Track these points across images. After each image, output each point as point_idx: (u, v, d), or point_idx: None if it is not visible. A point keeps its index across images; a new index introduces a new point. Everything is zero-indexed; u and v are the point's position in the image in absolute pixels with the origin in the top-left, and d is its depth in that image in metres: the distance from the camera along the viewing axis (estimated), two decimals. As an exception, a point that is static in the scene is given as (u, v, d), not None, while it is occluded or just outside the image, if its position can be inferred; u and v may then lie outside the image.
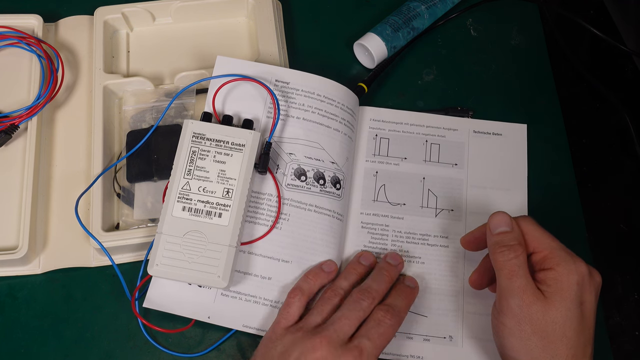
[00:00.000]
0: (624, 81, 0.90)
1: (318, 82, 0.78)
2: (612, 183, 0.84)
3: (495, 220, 0.66)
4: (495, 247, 0.65)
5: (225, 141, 0.70)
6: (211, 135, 0.70)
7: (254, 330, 0.70)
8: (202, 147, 0.70)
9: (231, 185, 0.69)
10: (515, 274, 0.62)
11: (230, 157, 0.69)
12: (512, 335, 0.62)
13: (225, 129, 0.71)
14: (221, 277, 0.66)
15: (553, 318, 0.60)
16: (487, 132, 0.82)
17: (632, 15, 0.91)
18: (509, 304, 0.62)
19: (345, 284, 0.69)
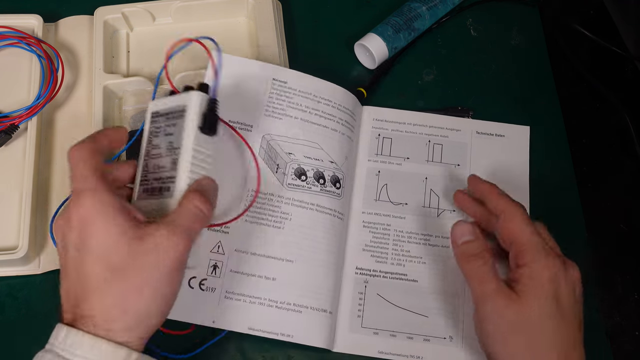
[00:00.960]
0: (624, 81, 0.90)
1: (315, 83, 0.78)
2: (612, 183, 0.84)
3: (458, 231, 0.67)
4: (462, 256, 0.66)
5: (172, 111, 0.63)
6: (163, 110, 0.64)
7: (260, 333, 0.69)
8: (156, 124, 0.64)
9: (176, 154, 0.60)
10: (486, 280, 0.62)
11: (175, 126, 0.62)
12: (493, 341, 0.62)
13: (169, 99, 0.64)
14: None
15: (527, 316, 0.60)
16: (490, 134, 0.82)
17: (632, 16, 0.91)
18: (485, 310, 0.62)
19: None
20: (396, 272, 0.74)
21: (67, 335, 0.51)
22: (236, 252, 0.71)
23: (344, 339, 0.71)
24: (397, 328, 0.72)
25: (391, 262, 0.75)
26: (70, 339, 0.51)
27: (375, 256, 0.75)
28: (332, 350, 0.71)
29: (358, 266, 0.75)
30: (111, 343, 0.50)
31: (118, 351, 0.50)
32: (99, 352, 0.50)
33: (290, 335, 0.69)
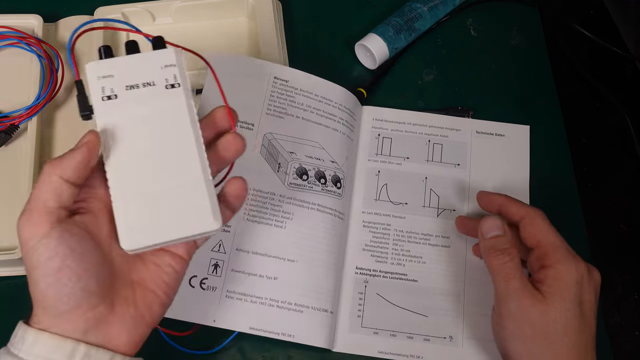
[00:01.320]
0: (624, 81, 0.90)
1: (316, 82, 0.78)
2: (612, 183, 0.84)
3: (487, 225, 0.66)
4: (489, 251, 0.65)
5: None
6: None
7: (261, 332, 0.69)
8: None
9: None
10: (512, 277, 0.62)
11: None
12: (513, 339, 0.62)
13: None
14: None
15: (553, 318, 0.60)
16: (490, 133, 0.82)
17: (632, 16, 0.91)
18: (508, 307, 0.62)
19: None
20: (396, 272, 0.74)
21: (18, 330, 0.50)
22: (237, 251, 0.71)
23: (344, 338, 0.71)
24: (397, 328, 0.72)
25: (391, 261, 0.75)
26: (19, 335, 0.50)
27: (375, 256, 0.75)
28: (332, 350, 0.71)
29: (358, 266, 0.75)
30: (55, 336, 0.48)
31: (63, 344, 0.48)
32: (42, 346, 0.48)
33: (292, 335, 0.69)
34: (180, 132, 0.52)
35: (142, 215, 0.50)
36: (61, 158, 0.49)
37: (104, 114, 0.52)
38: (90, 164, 0.50)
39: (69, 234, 0.48)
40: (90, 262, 0.49)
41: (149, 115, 0.52)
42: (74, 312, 0.48)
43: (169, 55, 0.54)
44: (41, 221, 0.48)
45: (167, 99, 0.52)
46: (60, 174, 0.48)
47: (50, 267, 0.47)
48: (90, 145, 0.50)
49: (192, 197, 0.51)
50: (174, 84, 0.53)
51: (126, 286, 0.52)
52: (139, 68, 0.53)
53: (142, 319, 0.52)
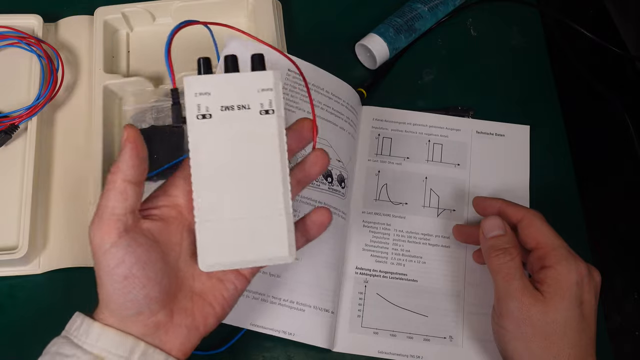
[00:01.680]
0: (624, 81, 0.90)
1: (327, 78, 0.78)
2: (612, 183, 0.84)
3: (488, 224, 0.67)
4: (490, 250, 0.65)
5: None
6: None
7: (263, 329, 0.70)
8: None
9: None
10: (512, 277, 0.62)
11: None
12: (513, 339, 0.62)
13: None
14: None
15: (553, 318, 0.60)
16: (490, 133, 0.82)
17: (632, 15, 0.91)
18: (508, 307, 0.62)
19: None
20: (396, 272, 0.75)
21: (82, 323, 0.52)
22: None
23: (344, 338, 0.71)
24: (397, 328, 0.72)
25: (391, 261, 0.75)
26: (83, 328, 0.52)
27: (375, 256, 0.75)
28: (332, 350, 0.71)
29: (358, 266, 0.75)
30: (118, 332, 0.51)
31: (125, 340, 0.51)
32: (106, 340, 0.51)
33: (292, 333, 0.70)
34: (269, 161, 0.52)
35: (223, 239, 0.52)
36: (117, 163, 0.50)
37: (197, 132, 0.52)
38: (142, 156, 0.51)
39: (137, 243, 0.50)
40: (155, 271, 0.51)
41: (240, 139, 0.52)
42: (136, 317, 0.51)
43: (268, 79, 0.53)
44: (110, 229, 0.49)
45: (260, 125, 0.52)
46: (123, 177, 0.50)
47: (117, 274, 0.49)
48: (132, 139, 0.51)
49: (272, 228, 0.52)
50: (269, 110, 0.52)
51: (187, 296, 0.54)
52: (236, 89, 0.52)
53: (197, 330, 0.54)
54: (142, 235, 0.51)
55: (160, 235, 0.52)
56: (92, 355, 0.50)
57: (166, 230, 0.53)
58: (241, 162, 0.52)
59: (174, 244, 0.53)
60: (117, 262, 0.49)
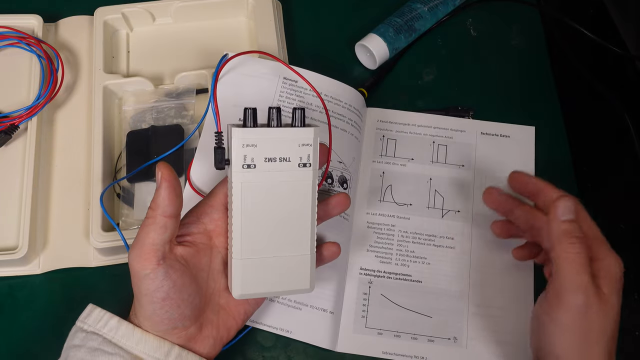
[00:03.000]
0: (624, 81, 0.90)
1: (325, 82, 0.78)
2: (612, 183, 0.84)
3: (564, 205, 0.61)
4: (564, 236, 0.60)
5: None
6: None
7: (260, 325, 0.70)
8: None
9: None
10: (584, 269, 0.58)
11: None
12: (565, 332, 0.59)
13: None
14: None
15: (612, 317, 0.59)
16: (495, 134, 0.82)
17: (632, 15, 0.92)
18: (570, 299, 0.58)
19: None
20: (400, 273, 0.74)
21: (119, 326, 0.58)
22: None
23: (348, 339, 0.71)
24: (401, 328, 0.72)
25: (395, 262, 0.75)
26: (123, 331, 0.58)
27: (379, 257, 0.75)
28: (335, 350, 0.71)
29: (362, 266, 0.75)
30: (157, 337, 0.58)
31: (162, 345, 0.57)
32: (146, 344, 0.57)
33: (289, 331, 0.70)
34: (302, 208, 0.60)
35: (255, 274, 0.60)
36: (155, 199, 0.56)
37: (241, 180, 0.57)
38: (177, 192, 0.56)
39: (173, 269, 0.56)
40: (188, 293, 0.57)
41: (278, 188, 0.58)
42: (171, 331, 0.58)
43: (309, 136, 0.58)
44: (149, 257, 0.55)
45: (297, 176, 0.59)
46: (162, 213, 0.55)
47: (156, 296, 0.56)
48: (166, 177, 0.56)
49: (298, 266, 0.61)
50: (306, 164, 0.59)
51: (214, 310, 0.61)
52: (280, 142, 0.58)
53: (221, 340, 0.62)
54: (177, 262, 0.57)
55: (192, 259, 0.59)
56: (132, 355, 0.57)
57: (197, 255, 0.60)
58: (277, 207, 0.59)
59: (203, 265, 0.60)
60: (157, 287, 0.55)
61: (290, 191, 0.59)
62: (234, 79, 0.76)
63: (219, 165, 0.59)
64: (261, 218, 0.59)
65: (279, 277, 0.60)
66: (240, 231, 0.59)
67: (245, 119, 0.58)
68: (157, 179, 0.56)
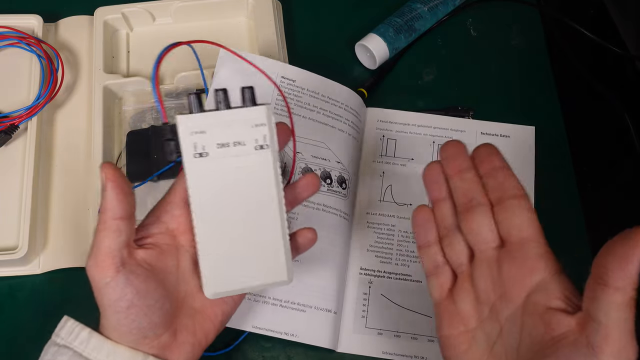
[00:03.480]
0: (624, 81, 0.90)
1: (322, 83, 0.78)
2: (612, 183, 0.84)
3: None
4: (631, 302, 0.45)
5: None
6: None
7: (265, 331, 0.69)
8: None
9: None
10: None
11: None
12: None
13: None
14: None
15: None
16: (495, 134, 0.82)
17: (632, 15, 0.92)
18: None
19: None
20: (400, 273, 0.75)
21: (90, 337, 0.54)
22: None
23: (348, 339, 0.71)
24: (401, 328, 0.72)
25: (395, 262, 0.75)
26: (93, 343, 0.53)
27: (379, 257, 0.75)
28: (336, 350, 0.71)
29: (362, 267, 0.75)
30: (129, 348, 0.53)
31: (135, 356, 0.53)
32: (117, 356, 0.53)
33: (295, 334, 0.69)
34: (266, 193, 0.54)
35: (226, 269, 0.55)
36: (103, 202, 0.52)
37: (195, 170, 0.53)
38: (126, 191, 0.52)
39: (134, 275, 0.52)
40: (155, 299, 0.53)
41: (237, 174, 0.54)
42: (142, 341, 0.54)
43: (260, 114, 0.54)
44: (107, 264, 0.51)
45: (255, 159, 0.54)
46: (112, 215, 0.51)
47: (120, 306, 0.51)
48: (111, 177, 0.52)
49: (271, 256, 0.55)
50: (263, 145, 0.54)
51: (188, 314, 0.57)
52: (231, 125, 0.53)
53: (199, 345, 0.57)
54: (139, 266, 0.53)
55: (157, 262, 0.54)
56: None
57: (162, 257, 0.55)
58: (240, 195, 0.54)
59: (170, 267, 0.56)
60: (119, 296, 0.51)
61: (251, 176, 0.54)
62: (231, 77, 0.76)
63: (169, 157, 0.58)
64: (224, 208, 0.54)
65: (253, 270, 0.55)
66: (203, 225, 0.54)
67: (190, 105, 0.54)
68: (102, 180, 0.52)
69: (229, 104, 0.54)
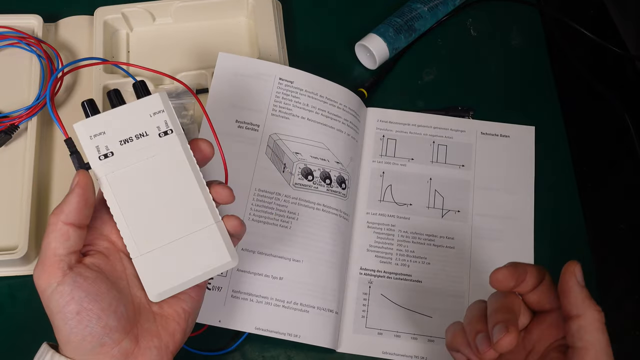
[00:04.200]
0: (624, 81, 0.90)
1: (320, 84, 0.79)
2: (612, 183, 0.84)
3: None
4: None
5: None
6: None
7: (267, 332, 0.69)
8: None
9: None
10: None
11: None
12: None
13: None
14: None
15: None
16: (495, 134, 0.82)
17: (632, 15, 0.92)
18: None
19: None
20: (400, 273, 0.75)
21: (45, 356, 0.52)
22: (243, 251, 0.71)
23: (348, 339, 0.71)
24: (401, 328, 0.72)
25: (395, 262, 0.75)
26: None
27: (379, 257, 0.75)
28: (336, 350, 0.71)
29: (362, 267, 0.75)
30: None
31: None
32: None
33: (297, 335, 0.69)
34: (183, 178, 0.53)
35: (163, 267, 0.53)
36: (61, 205, 0.50)
37: (105, 173, 0.52)
38: (89, 202, 0.51)
39: (82, 277, 0.50)
40: (108, 302, 0.51)
41: (149, 166, 0.53)
42: (99, 350, 0.50)
43: (155, 102, 0.53)
44: (53, 269, 0.49)
45: (163, 147, 0.53)
46: (64, 219, 0.50)
47: (69, 311, 0.49)
48: (82, 185, 0.51)
49: (207, 240, 0.53)
50: (167, 131, 0.53)
51: (149, 319, 0.54)
52: (129, 120, 0.53)
53: (167, 348, 0.54)
54: (87, 269, 0.51)
55: (106, 266, 0.53)
56: None
57: (109, 262, 0.53)
58: (157, 187, 0.53)
59: (119, 272, 0.54)
60: (67, 300, 0.49)
61: (163, 165, 0.53)
62: (230, 79, 0.77)
63: (79, 169, 0.53)
64: (144, 204, 0.53)
65: (192, 260, 0.53)
66: (126, 226, 0.52)
67: (85, 111, 0.54)
68: (72, 184, 0.51)
69: (124, 101, 0.54)
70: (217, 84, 0.76)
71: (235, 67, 0.77)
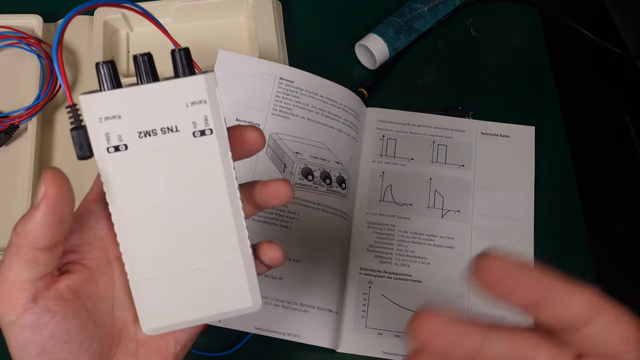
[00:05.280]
0: (624, 81, 0.90)
1: (321, 83, 0.79)
2: (612, 183, 0.84)
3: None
4: None
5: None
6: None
7: (267, 332, 0.69)
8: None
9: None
10: None
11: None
12: None
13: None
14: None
15: None
16: (495, 134, 0.82)
17: (632, 15, 0.92)
18: None
19: None
20: (400, 273, 0.74)
21: None
22: None
23: (348, 339, 0.71)
24: (401, 328, 0.72)
25: (395, 262, 0.75)
26: None
27: (379, 257, 0.75)
28: (336, 350, 0.71)
29: (362, 267, 0.75)
30: None
31: None
32: None
33: (297, 335, 0.69)
34: (214, 196, 0.41)
35: (167, 297, 0.42)
36: (22, 223, 0.37)
37: (111, 170, 0.39)
38: (63, 216, 0.37)
39: (50, 314, 0.38)
40: (78, 342, 0.40)
41: (171, 173, 0.40)
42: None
43: (198, 87, 0.39)
44: (13, 299, 0.38)
45: (195, 151, 0.40)
46: (30, 245, 0.37)
47: (27, 352, 0.39)
48: (50, 199, 0.37)
49: (228, 277, 0.42)
50: (205, 130, 0.39)
51: (129, 352, 0.44)
52: (156, 105, 0.39)
53: None
54: (58, 301, 0.39)
55: (85, 287, 0.41)
56: None
57: (92, 279, 0.41)
58: (177, 201, 0.40)
59: (103, 290, 0.42)
60: (26, 339, 0.38)
61: (190, 175, 0.40)
62: (230, 78, 0.77)
63: (80, 154, 0.39)
64: (157, 220, 0.40)
65: (205, 297, 0.42)
66: (130, 243, 0.40)
67: (100, 80, 0.39)
68: (38, 194, 0.37)
69: (156, 75, 0.40)
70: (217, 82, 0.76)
71: (235, 66, 0.77)
